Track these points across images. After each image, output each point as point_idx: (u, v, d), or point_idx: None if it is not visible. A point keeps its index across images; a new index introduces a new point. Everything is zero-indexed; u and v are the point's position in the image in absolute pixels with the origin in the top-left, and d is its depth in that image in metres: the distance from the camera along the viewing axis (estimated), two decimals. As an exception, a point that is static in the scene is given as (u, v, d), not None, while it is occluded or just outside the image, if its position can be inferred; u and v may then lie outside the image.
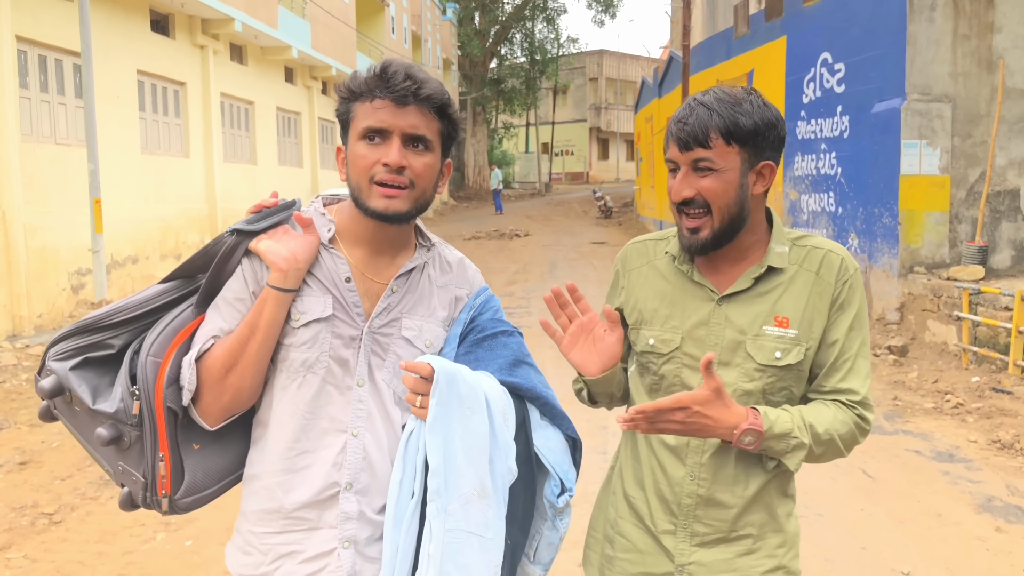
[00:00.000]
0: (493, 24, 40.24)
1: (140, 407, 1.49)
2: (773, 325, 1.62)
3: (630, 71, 54.77)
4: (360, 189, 1.55)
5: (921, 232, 9.69)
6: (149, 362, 1.50)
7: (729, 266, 1.67)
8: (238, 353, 1.51)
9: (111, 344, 1.54)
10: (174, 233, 13.31)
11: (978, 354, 7.87)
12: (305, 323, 1.56)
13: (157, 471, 1.52)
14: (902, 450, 5.74)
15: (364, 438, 1.58)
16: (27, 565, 4.01)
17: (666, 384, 1.69)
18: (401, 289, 1.63)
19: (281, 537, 1.58)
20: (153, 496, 1.54)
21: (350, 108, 1.57)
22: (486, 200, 34.96)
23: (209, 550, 4.15)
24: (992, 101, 9.64)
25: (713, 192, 1.57)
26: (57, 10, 10.37)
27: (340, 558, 1.56)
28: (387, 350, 1.61)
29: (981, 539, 4.30)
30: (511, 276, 15.04)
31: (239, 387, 1.53)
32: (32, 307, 9.49)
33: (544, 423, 1.66)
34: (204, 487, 1.60)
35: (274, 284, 1.52)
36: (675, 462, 1.67)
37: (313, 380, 1.56)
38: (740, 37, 15.02)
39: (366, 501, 1.58)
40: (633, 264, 1.79)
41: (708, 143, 1.55)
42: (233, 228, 1.57)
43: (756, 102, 1.59)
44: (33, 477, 5.19)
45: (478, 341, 1.68)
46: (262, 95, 17.58)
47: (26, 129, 9.86)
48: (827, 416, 1.60)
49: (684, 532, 1.67)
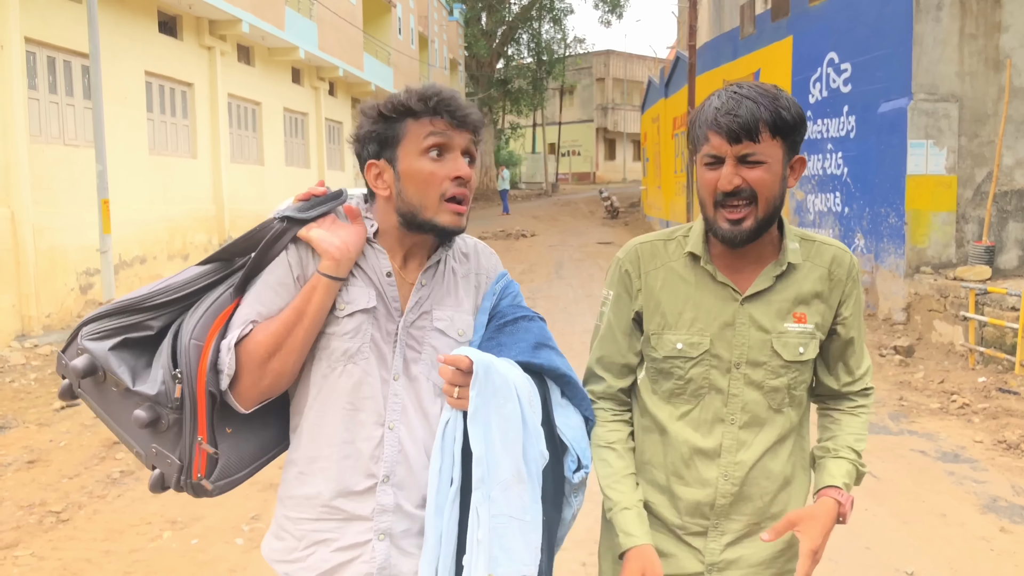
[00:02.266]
0: (500, 24, 40.26)
1: (182, 390, 1.49)
2: (793, 322, 1.66)
3: (637, 71, 54.71)
4: (426, 207, 1.58)
5: (928, 232, 9.67)
6: (192, 345, 1.50)
7: (747, 264, 1.69)
8: (283, 338, 1.52)
9: (150, 326, 1.54)
10: (181, 233, 13.36)
11: (985, 354, 7.85)
12: (350, 313, 1.59)
13: (194, 454, 1.52)
14: (907, 450, 5.73)
15: (399, 431, 1.61)
16: (34, 563, 4.04)
17: (693, 387, 1.69)
18: (429, 283, 1.67)
19: (316, 524, 1.60)
20: (188, 479, 1.54)
21: (400, 126, 1.59)
22: (492, 200, 34.98)
23: (215, 548, 4.17)
24: (999, 101, 9.61)
25: (762, 183, 1.58)
26: (65, 12, 10.43)
27: (374, 550, 1.59)
28: (422, 343, 1.64)
29: (986, 539, 4.29)
30: (517, 276, 15.06)
31: (280, 372, 1.55)
32: (40, 307, 9.55)
33: (564, 402, 1.70)
34: (236, 470, 1.61)
35: (326, 272, 1.54)
36: (707, 463, 1.68)
37: (354, 370, 1.59)
38: (746, 37, 15.00)
39: (403, 495, 1.60)
40: (648, 266, 1.75)
41: (756, 136, 1.56)
42: (283, 215, 1.58)
43: (789, 97, 1.61)
44: (41, 476, 5.23)
45: (500, 327, 1.71)
46: (269, 96, 17.64)
47: (35, 130, 9.92)
48: (862, 429, 1.79)
49: (716, 531, 1.70)
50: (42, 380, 7.65)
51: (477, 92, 38.55)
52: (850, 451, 1.74)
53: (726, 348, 1.67)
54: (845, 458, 1.73)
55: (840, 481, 1.68)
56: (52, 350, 8.75)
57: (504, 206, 30.49)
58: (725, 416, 1.68)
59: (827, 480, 1.70)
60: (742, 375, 1.67)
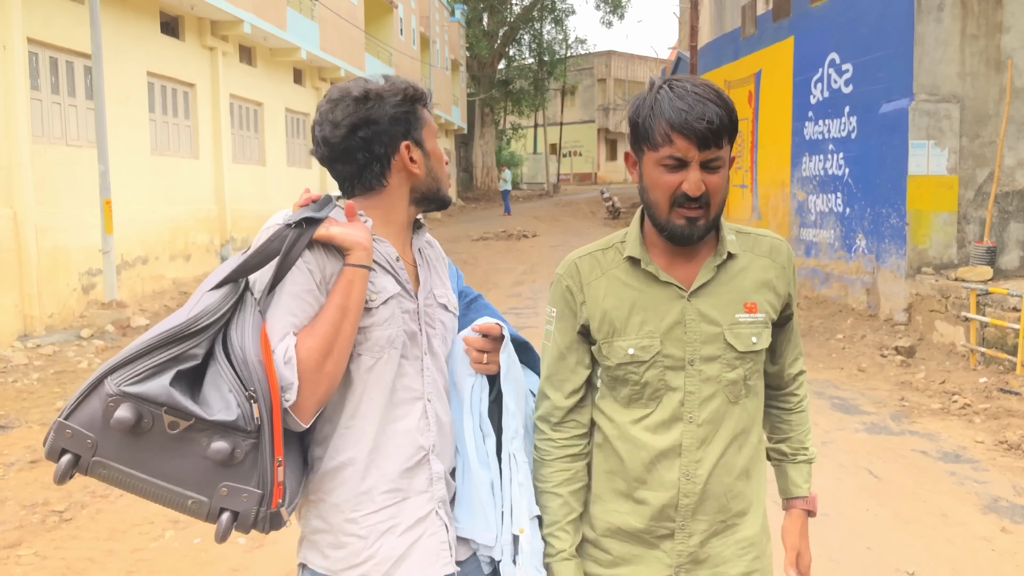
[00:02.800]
0: (501, 25, 40.27)
1: (259, 409, 1.41)
2: (744, 312, 1.67)
3: (638, 72, 54.71)
4: (443, 183, 1.79)
5: (929, 233, 9.68)
6: (257, 363, 1.43)
7: (687, 262, 1.69)
8: (333, 338, 1.52)
9: (195, 354, 1.44)
10: (183, 234, 13.38)
11: (986, 355, 7.85)
12: (384, 301, 1.64)
13: (277, 477, 1.44)
14: (908, 450, 5.73)
15: (435, 404, 1.71)
16: (37, 562, 4.06)
17: (649, 391, 1.68)
18: (424, 264, 1.80)
19: (378, 515, 1.61)
20: (267, 509, 1.44)
21: (420, 111, 1.73)
22: (494, 201, 34.97)
23: (217, 548, 4.18)
24: (1000, 101, 9.62)
25: (718, 188, 1.60)
26: (68, 12, 10.45)
27: (441, 516, 1.67)
28: (434, 319, 1.76)
29: (986, 539, 4.30)
30: (519, 277, 15.07)
31: (335, 372, 1.54)
32: (43, 307, 9.56)
33: (524, 366, 1.88)
34: (294, 497, 1.55)
35: (359, 263, 1.57)
36: (668, 465, 1.68)
37: (394, 355, 1.65)
38: (748, 38, 15.00)
39: (441, 463, 1.70)
40: (589, 277, 1.72)
41: (721, 142, 1.57)
42: (301, 218, 1.55)
43: (726, 95, 1.61)
44: (44, 475, 5.24)
45: (468, 304, 1.93)
46: (271, 96, 17.65)
47: (37, 131, 9.93)
48: (808, 422, 1.92)
49: (682, 533, 1.69)
50: (44, 380, 7.66)
51: (478, 93, 38.56)
52: (804, 451, 1.87)
53: (677, 347, 1.66)
54: (803, 461, 1.87)
55: (804, 489, 1.85)
56: (54, 350, 8.77)
57: (506, 207, 30.48)
58: (683, 415, 1.67)
59: (793, 491, 1.86)
60: (697, 371, 1.66)
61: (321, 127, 1.67)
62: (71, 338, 9.38)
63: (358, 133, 1.63)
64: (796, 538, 1.83)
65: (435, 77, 31.84)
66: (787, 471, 1.86)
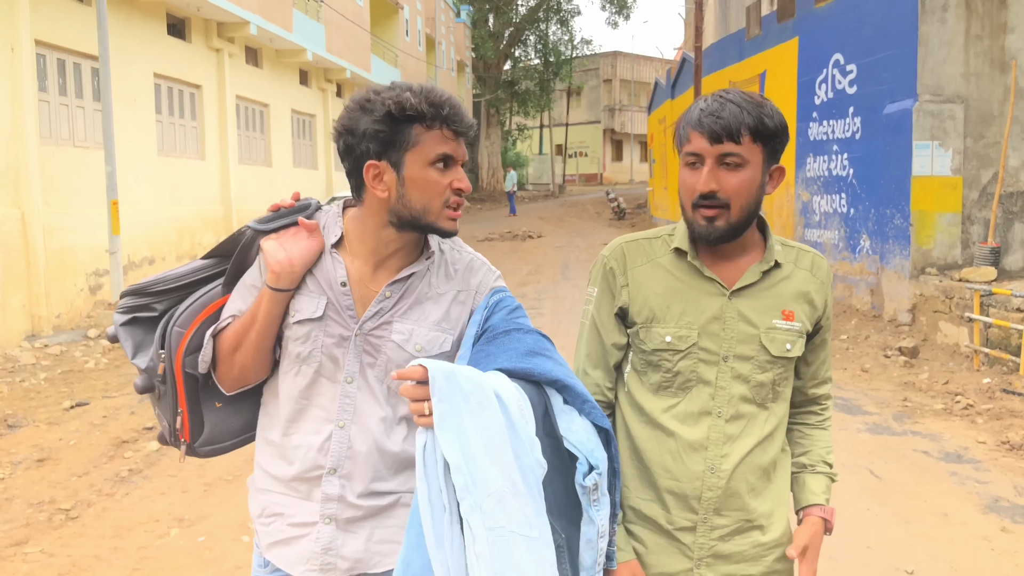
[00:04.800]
0: (507, 26, 40.30)
1: (164, 368, 1.70)
2: (781, 319, 1.71)
3: (644, 72, 54.68)
4: (430, 212, 1.62)
5: (933, 233, 9.67)
6: (174, 332, 1.70)
7: (731, 262, 1.73)
8: (241, 337, 1.67)
9: (154, 308, 1.75)
10: (190, 234, 13.44)
11: (989, 356, 7.85)
12: (298, 321, 1.68)
13: (176, 423, 1.75)
14: (910, 450, 5.74)
15: (350, 430, 1.69)
16: (44, 560, 4.10)
17: (680, 380, 1.72)
18: (395, 294, 1.69)
19: (277, 497, 1.74)
20: (175, 440, 1.78)
21: (409, 130, 1.59)
22: (500, 201, 35.01)
23: (221, 546, 4.22)
24: (1005, 102, 9.61)
25: (738, 188, 1.62)
26: (75, 14, 10.52)
27: (319, 531, 1.70)
28: (379, 351, 1.68)
29: (987, 539, 4.31)
30: (524, 277, 15.09)
31: (243, 365, 1.69)
32: (51, 307, 9.63)
33: (568, 408, 1.59)
34: (220, 440, 1.82)
35: (269, 284, 1.65)
36: (694, 456, 1.71)
37: (308, 371, 1.69)
38: (752, 38, 15.00)
39: (349, 487, 1.69)
40: (634, 262, 1.77)
41: (739, 138, 1.59)
42: (248, 226, 1.71)
43: (773, 106, 1.66)
44: (51, 474, 5.29)
45: (491, 339, 1.65)
46: (277, 97, 17.72)
47: (45, 132, 10.00)
48: (830, 440, 1.89)
49: (704, 527, 1.72)
50: (52, 380, 7.72)
51: (484, 93, 38.59)
52: (825, 465, 1.84)
53: (714, 341, 1.70)
54: (822, 473, 1.83)
55: (822, 498, 1.80)
56: (62, 350, 8.83)
57: (511, 207, 30.52)
58: (712, 409, 1.71)
59: (810, 499, 1.81)
60: (729, 368, 1.70)
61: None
62: (78, 338, 9.45)
63: (341, 140, 1.65)
64: (806, 539, 1.73)
65: (441, 78, 31.89)
66: (805, 480, 1.83)
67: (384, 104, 1.58)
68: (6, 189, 9.10)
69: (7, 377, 7.71)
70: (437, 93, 1.60)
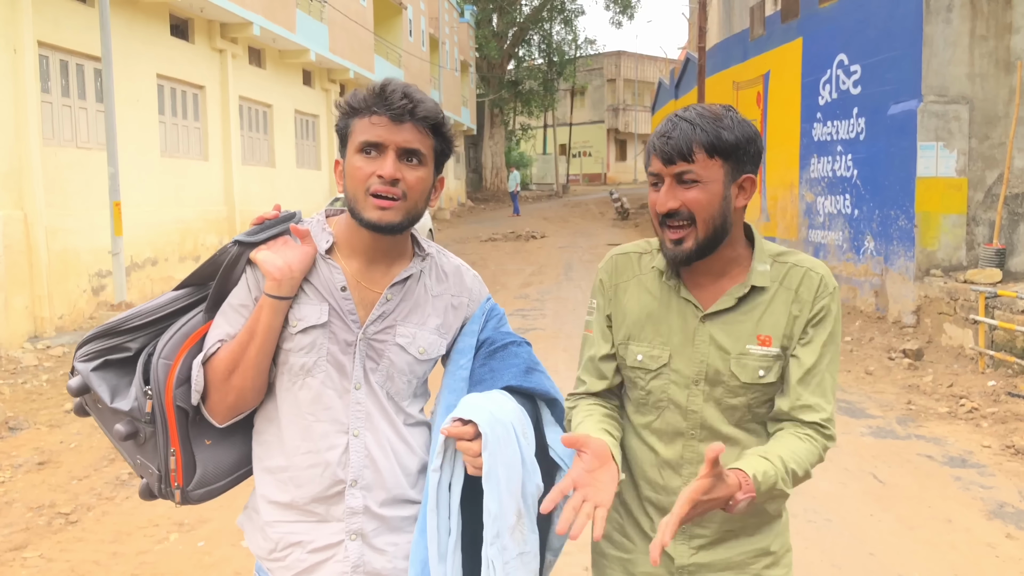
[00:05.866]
0: (511, 26, 40.28)
1: (152, 406, 1.60)
2: (756, 344, 1.65)
3: (648, 72, 54.62)
4: (356, 200, 1.60)
5: (937, 235, 9.63)
6: (160, 364, 1.61)
7: (711, 281, 1.69)
8: (239, 356, 1.60)
9: (128, 347, 1.66)
10: (193, 235, 13.44)
11: (994, 358, 7.81)
12: (302, 329, 1.63)
13: (169, 464, 1.64)
14: (914, 455, 5.71)
15: (365, 438, 1.66)
16: (43, 564, 4.09)
17: (653, 399, 1.71)
18: (396, 297, 1.69)
19: (292, 527, 1.68)
20: (167, 487, 1.67)
21: (349, 123, 1.63)
22: (503, 202, 34.99)
23: (221, 551, 4.21)
24: (1010, 102, 9.56)
25: (698, 203, 1.59)
26: (78, 16, 10.52)
27: (347, 549, 1.66)
28: (382, 355, 1.68)
29: (991, 545, 4.27)
30: (527, 278, 15.07)
31: (242, 388, 1.62)
32: (53, 309, 9.63)
33: (553, 421, 1.76)
34: (215, 480, 1.72)
35: (269, 292, 1.60)
36: (672, 473, 1.71)
37: (313, 383, 1.65)
38: (756, 39, 14.96)
39: (371, 496, 1.67)
40: (620, 278, 1.78)
41: (691, 156, 1.58)
42: (235, 240, 1.65)
43: (736, 118, 1.62)
44: (51, 477, 5.28)
45: (491, 353, 1.76)
46: (280, 98, 17.71)
47: (48, 133, 10.01)
48: (802, 454, 1.58)
49: (684, 536, 1.71)
50: (54, 381, 7.72)
51: (488, 93, 38.58)
52: (779, 459, 1.53)
53: (685, 363, 1.67)
54: (771, 461, 1.52)
55: (752, 470, 1.47)
56: (64, 351, 8.83)
57: (514, 207, 30.51)
58: (684, 430, 1.69)
59: (740, 465, 1.50)
60: (701, 391, 1.67)
61: None
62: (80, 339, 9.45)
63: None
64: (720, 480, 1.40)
65: (444, 78, 31.88)
66: (746, 456, 1.54)
67: (344, 104, 1.64)
68: (9, 190, 9.11)
69: (9, 379, 7.71)
70: (383, 84, 1.60)
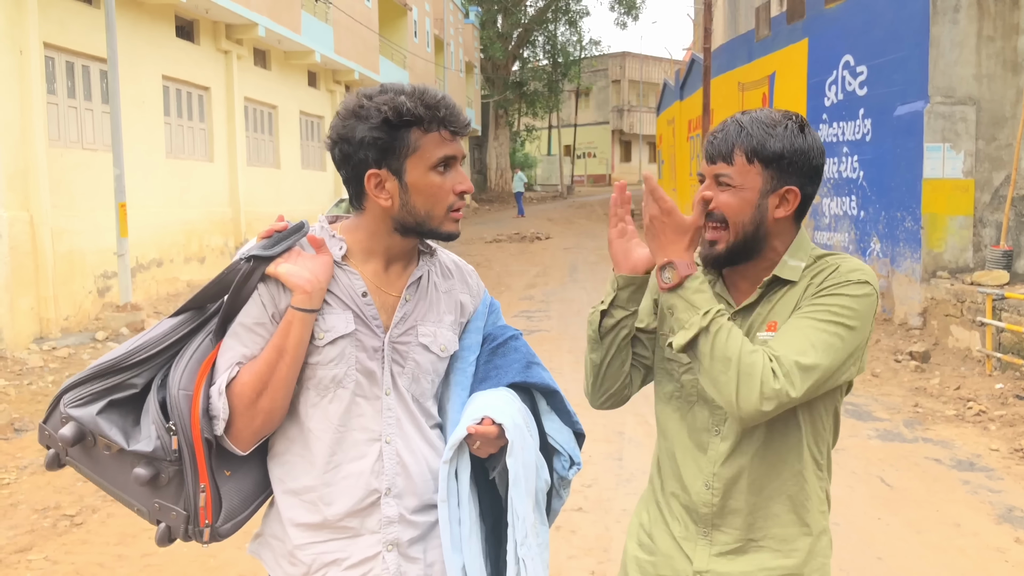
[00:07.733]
0: (515, 27, 40.28)
1: (178, 441, 1.50)
2: (765, 331, 1.65)
3: (653, 73, 54.57)
4: (433, 217, 1.60)
5: (944, 236, 9.59)
6: (181, 396, 1.51)
7: (748, 285, 1.70)
8: (267, 376, 1.54)
9: (134, 384, 1.55)
10: (198, 236, 13.46)
11: (1002, 360, 7.77)
12: (331, 340, 1.59)
13: (199, 502, 1.54)
14: (922, 458, 5.68)
15: (396, 444, 1.65)
16: (48, 567, 4.08)
17: (685, 393, 1.72)
18: (413, 298, 1.69)
19: (325, 546, 1.63)
20: (195, 528, 1.56)
21: (407, 137, 1.56)
22: (508, 202, 34.97)
23: (226, 553, 4.20)
24: (1017, 103, 9.52)
25: (729, 207, 1.60)
26: (83, 17, 10.54)
27: (385, 561, 1.63)
28: (406, 357, 1.67)
29: (1000, 550, 4.25)
30: (531, 279, 15.05)
31: (271, 409, 1.56)
32: (59, 310, 9.64)
33: (549, 410, 1.80)
34: (240, 511, 1.64)
35: (300, 306, 1.55)
36: (694, 471, 1.70)
37: (344, 394, 1.62)
38: (761, 40, 14.93)
39: (403, 504, 1.65)
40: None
41: (730, 159, 1.59)
42: (250, 255, 1.57)
43: (792, 127, 1.60)
44: (56, 479, 5.28)
45: (494, 350, 1.79)
46: (285, 99, 17.73)
47: (53, 134, 10.02)
48: (748, 346, 1.51)
49: (704, 540, 1.70)
50: (59, 383, 7.72)
51: (493, 94, 38.58)
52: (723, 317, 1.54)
53: None
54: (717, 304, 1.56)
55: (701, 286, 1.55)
56: (69, 352, 8.84)
57: (519, 208, 30.49)
58: (710, 427, 1.69)
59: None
60: None
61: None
62: (86, 340, 9.46)
63: (336, 149, 1.61)
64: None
65: (449, 79, 31.89)
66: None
67: (380, 110, 1.54)
68: (15, 191, 9.12)
69: (15, 380, 7.71)
70: (431, 94, 1.58)
